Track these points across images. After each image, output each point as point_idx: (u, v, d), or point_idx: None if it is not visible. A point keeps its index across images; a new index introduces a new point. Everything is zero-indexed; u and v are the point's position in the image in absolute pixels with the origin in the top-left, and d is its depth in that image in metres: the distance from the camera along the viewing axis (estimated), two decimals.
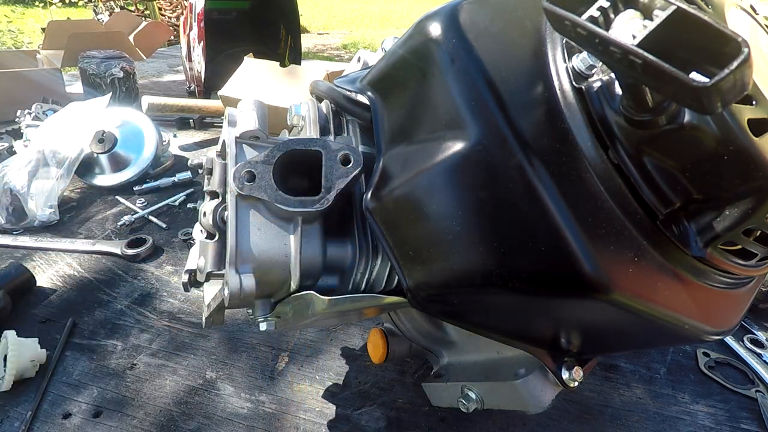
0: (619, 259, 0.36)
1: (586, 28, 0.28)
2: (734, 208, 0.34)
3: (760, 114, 0.32)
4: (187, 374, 0.78)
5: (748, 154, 0.31)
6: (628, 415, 0.73)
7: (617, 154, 0.36)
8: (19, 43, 5.19)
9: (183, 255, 1.09)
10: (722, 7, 0.34)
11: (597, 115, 0.36)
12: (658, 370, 0.82)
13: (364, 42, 4.21)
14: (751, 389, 0.78)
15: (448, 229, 0.40)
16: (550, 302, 0.40)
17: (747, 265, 0.39)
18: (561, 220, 0.35)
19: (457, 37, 0.40)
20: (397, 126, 0.45)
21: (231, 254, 0.45)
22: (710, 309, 0.40)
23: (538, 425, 0.70)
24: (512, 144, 0.36)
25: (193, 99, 1.92)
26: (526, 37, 0.40)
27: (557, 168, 0.36)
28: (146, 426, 0.69)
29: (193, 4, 1.99)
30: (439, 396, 0.64)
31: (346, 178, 0.46)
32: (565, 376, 0.48)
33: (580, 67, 0.37)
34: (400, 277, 0.46)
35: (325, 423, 0.70)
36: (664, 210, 0.36)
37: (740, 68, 0.23)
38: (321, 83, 0.57)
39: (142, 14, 5.11)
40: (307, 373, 0.79)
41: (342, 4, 7.22)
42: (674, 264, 0.37)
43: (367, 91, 0.50)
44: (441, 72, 0.40)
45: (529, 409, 0.51)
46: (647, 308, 0.37)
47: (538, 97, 0.38)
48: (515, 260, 0.38)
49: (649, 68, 0.26)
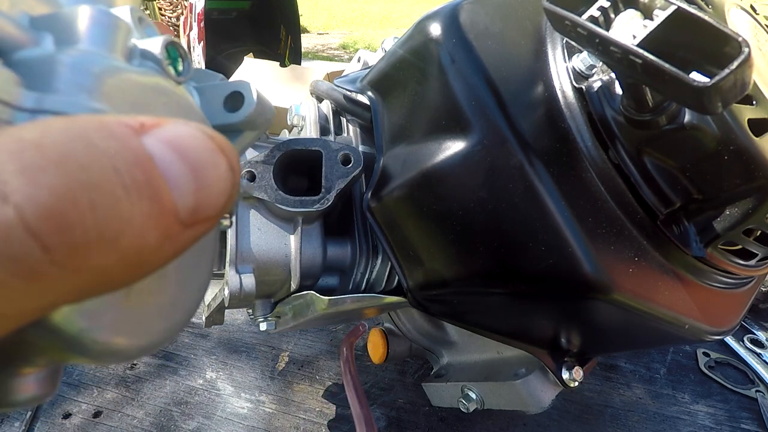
0: (620, 259, 0.36)
1: (586, 27, 0.28)
2: (734, 208, 0.34)
3: (760, 114, 0.32)
4: (187, 374, 0.78)
5: (749, 154, 0.31)
6: (628, 415, 0.73)
7: (617, 154, 0.36)
8: None
9: None
10: (722, 7, 0.34)
11: (597, 115, 0.36)
12: (658, 370, 0.82)
13: (364, 42, 4.21)
14: (751, 389, 0.78)
15: (449, 229, 0.40)
16: (551, 302, 0.40)
17: (747, 265, 0.39)
18: (561, 220, 0.35)
19: (457, 37, 0.40)
20: (397, 126, 0.45)
21: (231, 254, 0.45)
22: (710, 309, 0.40)
23: (538, 425, 0.70)
24: (512, 144, 0.36)
25: None
26: (527, 37, 0.40)
27: (557, 168, 0.36)
28: (146, 426, 0.69)
29: (193, 4, 1.99)
30: (439, 396, 0.64)
31: (346, 178, 0.46)
32: (565, 376, 0.48)
33: (580, 67, 0.37)
34: (400, 277, 0.46)
35: (325, 423, 0.70)
36: (665, 210, 0.36)
37: (741, 68, 0.23)
38: (321, 83, 0.57)
39: None
40: (307, 373, 0.79)
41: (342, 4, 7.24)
42: (674, 264, 0.37)
43: (368, 91, 0.50)
44: (441, 72, 0.40)
45: (529, 409, 0.51)
46: (647, 308, 0.37)
47: (539, 97, 0.38)
48: (515, 260, 0.38)
49: (650, 68, 0.26)
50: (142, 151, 0.12)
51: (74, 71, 0.16)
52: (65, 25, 0.17)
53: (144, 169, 0.11)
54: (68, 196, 0.10)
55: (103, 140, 0.11)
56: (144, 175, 0.11)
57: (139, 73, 0.18)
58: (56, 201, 0.10)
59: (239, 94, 0.24)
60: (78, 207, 0.10)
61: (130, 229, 0.11)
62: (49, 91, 0.15)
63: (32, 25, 0.17)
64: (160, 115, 0.14)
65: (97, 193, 0.10)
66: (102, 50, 0.17)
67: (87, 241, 0.10)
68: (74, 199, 0.10)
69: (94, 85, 0.16)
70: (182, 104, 0.20)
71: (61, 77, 0.15)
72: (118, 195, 0.11)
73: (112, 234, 0.11)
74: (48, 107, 0.14)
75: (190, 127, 0.13)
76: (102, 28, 0.18)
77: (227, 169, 0.13)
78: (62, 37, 0.17)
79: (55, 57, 0.16)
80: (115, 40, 0.18)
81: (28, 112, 0.14)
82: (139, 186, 0.11)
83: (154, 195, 0.12)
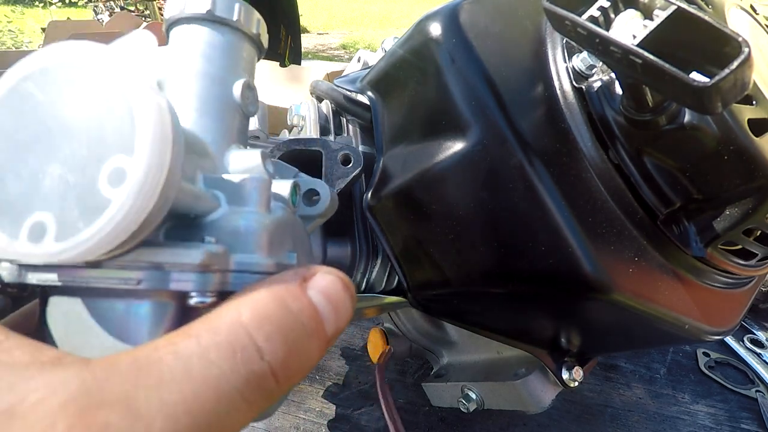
0: (620, 258, 0.36)
1: (586, 27, 0.28)
2: (734, 208, 0.34)
3: (760, 114, 0.32)
4: None
5: (749, 154, 0.31)
6: (628, 415, 0.73)
7: (617, 154, 0.36)
8: (19, 43, 5.19)
9: None
10: (722, 7, 0.34)
11: (597, 115, 0.36)
12: (658, 370, 0.82)
13: (364, 42, 4.21)
14: (751, 389, 0.78)
15: (449, 229, 0.40)
16: (551, 302, 0.40)
17: (747, 265, 0.39)
18: (561, 220, 0.35)
19: (457, 37, 0.40)
20: (397, 126, 0.45)
21: None
22: (710, 309, 0.40)
23: (538, 425, 0.70)
24: (512, 144, 0.36)
25: None
26: (527, 37, 0.40)
27: (557, 168, 0.36)
28: None
29: None
30: (439, 396, 0.64)
31: (346, 178, 0.46)
32: (565, 376, 0.48)
33: (580, 67, 0.37)
34: (401, 277, 0.46)
35: (325, 423, 0.70)
36: (665, 210, 0.36)
37: (741, 68, 0.23)
38: (321, 83, 0.57)
39: (142, 14, 5.12)
40: (307, 373, 0.79)
41: (342, 4, 7.23)
42: (674, 264, 0.37)
43: (367, 91, 0.50)
44: (441, 72, 0.40)
45: (529, 409, 0.51)
46: (647, 308, 0.37)
47: (538, 97, 0.38)
48: (515, 260, 0.38)
49: (650, 68, 0.26)
50: (311, 304, 0.19)
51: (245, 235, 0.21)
52: (234, 188, 0.23)
53: (315, 318, 0.19)
54: (288, 349, 0.17)
55: (294, 303, 0.18)
56: (315, 323, 0.19)
57: (279, 217, 0.24)
58: (285, 355, 0.17)
59: (316, 192, 0.31)
60: (292, 354, 0.18)
61: (310, 362, 0.19)
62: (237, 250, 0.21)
63: (206, 184, 0.23)
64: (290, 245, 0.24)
65: (298, 343, 0.18)
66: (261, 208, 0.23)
67: (295, 372, 0.18)
68: (290, 351, 0.18)
69: (259, 242, 0.21)
70: (299, 231, 0.27)
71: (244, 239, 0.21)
72: (305, 340, 0.18)
73: (305, 364, 0.18)
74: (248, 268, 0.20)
75: (331, 275, 0.20)
76: (259, 193, 0.23)
77: (351, 301, 0.21)
78: (232, 199, 0.23)
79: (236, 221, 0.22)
80: (263, 198, 0.23)
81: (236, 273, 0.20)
82: (312, 330, 0.19)
83: (320, 333, 0.19)
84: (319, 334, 0.19)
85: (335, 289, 0.20)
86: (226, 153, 0.26)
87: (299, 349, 0.18)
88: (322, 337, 0.19)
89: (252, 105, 0.29)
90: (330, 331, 0.19)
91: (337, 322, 0.20)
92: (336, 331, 0.20)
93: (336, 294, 0.20)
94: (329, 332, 0.19)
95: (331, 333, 0.19)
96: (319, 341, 0.19)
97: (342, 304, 0.20)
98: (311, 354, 0.19)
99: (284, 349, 0.17)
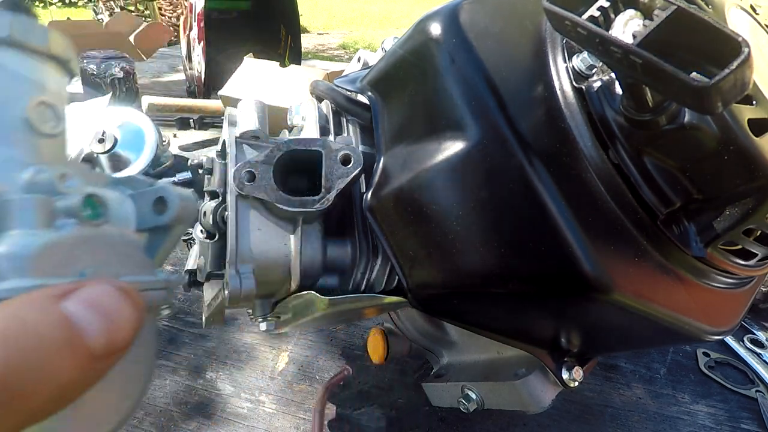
0: (620, 258, 0.36)
1: (586, 27, 0.28)
2: (734, 208, 0.34)
3: (760, 114, 0.32)
4: (187, 374, 0.78)
5: (749, 154, 0.31)
6: (628, 415, 0.73)
7: (617, 154, 0.36)
8: None
9: (183, 255, 1.08)
10: (722, 7, 0.34)
11: (597, 115, 0.36)
12: (658, 370, 0.82)
13: (364, 42, 4.21)
14: (751, 389, 0.78)
15: (449, 229, 0.40)
16: (551, 302, 0.40)
17: (747, 265, 0.39)
18: (561, 220, 0.35)
19: (457, 37, 0.40)
20: (397, 126, 0.45)
21: (231, 254, 0.45)
22: (710, 309, 0.40)
23: (538, 425, 0.70)
24: (512, 144, 0.36)
25: (193, 99, 1.92)
26: (526, 37, 0.40)
27: (557, 168, 0.36)
28: (146, 426, 0.69)
29: (193, 4, 1.99)
30: (439, 396, 0.64)
31: (346, 178, 0.46)
32: (565, 376, 0.48)
33: (580, 67, 0.37)
34: (401, 277, 0.46)
35: (325, 423, 0.70)
36: (665, 210, 0.36)
37: (740, 68, 0.23)
38: (321, 83, 0.57)
39: (142, 14, 5.12)
40: (307, 373, 0.79)
41: (342, 4, 7.23)
42: (674, 264, 0.37)
43: (367, 91, 0.50)
44: (441, 72, 0.40)
45: (529, 409, 0.51)
46: (647, 308, 0.37)
47: (538, 97, 0.38)
48: (515, 260, 0.38)
49: (650, 68, 0.26)
50: (60, 313, 0.17)
51: (8, 259, 0.20)
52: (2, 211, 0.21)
53: (62, 326, 0.17)
54: (8, 364, 0.15)
55: (29, 314, 0.17)
56: (62, 332, 0.17)
57: (62, 236, 0.22)
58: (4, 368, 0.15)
59: (163, 199, 0.29)
60: (17, 370, 0.15)
61: (55, 375, 0.16)
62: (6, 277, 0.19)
63: None
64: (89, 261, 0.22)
65: (30, 356, 0.16)
66: (30, 229, 0.22)
67: (22, 392, 0.15)
68: (12, 365, 0.15)
69: (26, 266, 0.20)
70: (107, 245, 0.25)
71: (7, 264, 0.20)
72: (42, 353, 0.16)
73: (42, 381, 0.16)
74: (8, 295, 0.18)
75: (102, 285, 0.19)
76: (35, 212, 0.22)
77: (132, 309, 0.19)
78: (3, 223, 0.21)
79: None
80: (40, 216, 0.22)
81: None
82: (58, 341, 0.17)
83: (71, 344, 0.17)
84: (73, 342, 0.17)
85: (105, 297, 0.19)
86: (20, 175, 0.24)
87: (30, 360, 0.16)
88: (78, 345, 0.17)
89: (50, 122, 0.27)
90: (95, 338, 0.18)
91: (109, 329, 0.18)
92: (109, 339, 0.18)
93: (106, 301, 0.19)
94: (93, 340, 0.18)
95: (100, 341, 0.18)
96: (73, 349, 0.17)
97: (116, 311, 0.19)
98: (58, 363, 0.16)
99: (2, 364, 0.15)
